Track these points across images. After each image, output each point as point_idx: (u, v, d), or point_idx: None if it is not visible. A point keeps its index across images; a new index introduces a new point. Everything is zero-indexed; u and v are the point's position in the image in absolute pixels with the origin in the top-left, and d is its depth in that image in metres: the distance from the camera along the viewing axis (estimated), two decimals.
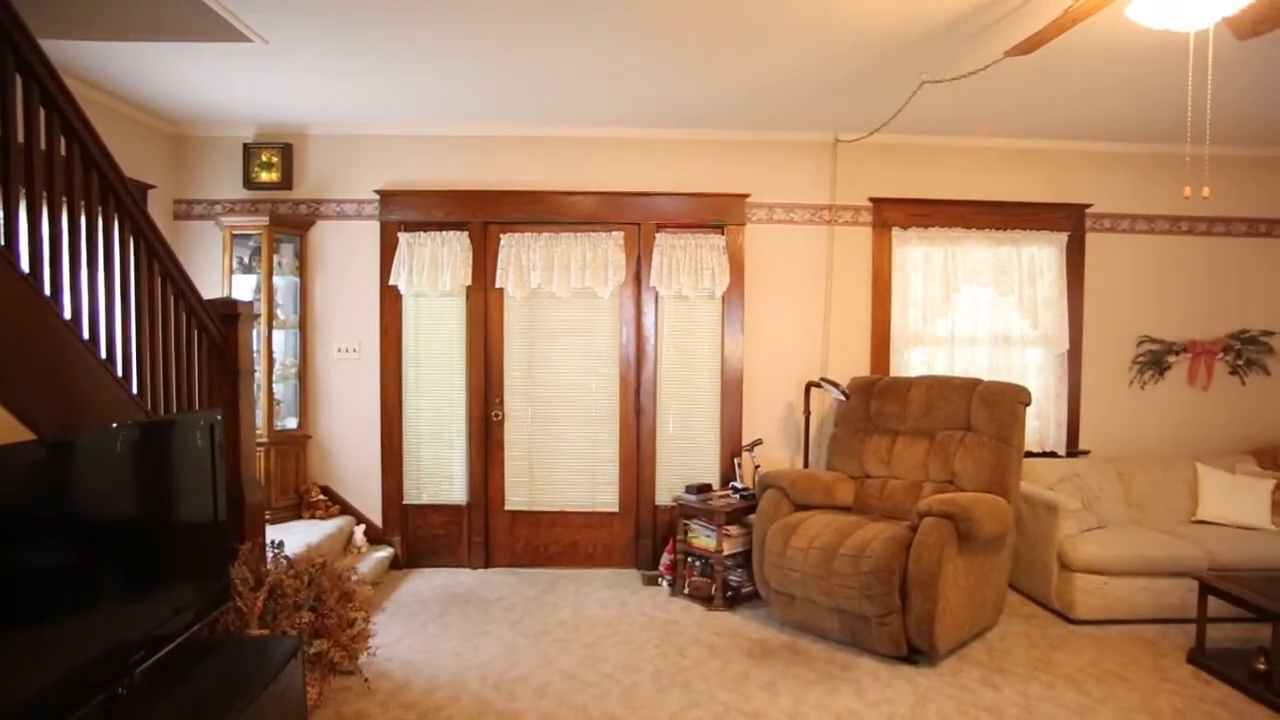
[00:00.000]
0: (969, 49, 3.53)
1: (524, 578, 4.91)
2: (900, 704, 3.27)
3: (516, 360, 5.07)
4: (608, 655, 3.75)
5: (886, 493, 4.34)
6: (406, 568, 5.05)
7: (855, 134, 4.94)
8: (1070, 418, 5.27)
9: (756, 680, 3.48)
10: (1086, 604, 4.17)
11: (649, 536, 5.04)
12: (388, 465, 5.05)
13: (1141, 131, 4.87)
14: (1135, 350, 5.32)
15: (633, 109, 4.59)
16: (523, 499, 5.09)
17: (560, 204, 4.97)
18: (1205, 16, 2.30)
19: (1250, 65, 3.69)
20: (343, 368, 5.05)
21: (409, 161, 5.01)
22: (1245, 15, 2.49)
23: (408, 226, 4.97)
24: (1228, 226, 5.32)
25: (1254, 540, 4.34)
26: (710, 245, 4.95)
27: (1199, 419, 5.35)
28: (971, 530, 3.57)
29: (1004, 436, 4.09)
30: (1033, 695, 3.37)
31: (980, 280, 5.16)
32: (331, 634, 3.05)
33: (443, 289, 4.95)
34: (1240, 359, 5.33)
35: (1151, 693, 3.41)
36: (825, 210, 5.10)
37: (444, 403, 5.07)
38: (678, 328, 5.05)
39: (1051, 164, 5.18)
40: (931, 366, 5.15)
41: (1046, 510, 4.34)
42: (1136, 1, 2.34)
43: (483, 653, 3.76)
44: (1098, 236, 5.25)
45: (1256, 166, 5.29)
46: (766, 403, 5.11)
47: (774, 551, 3.98)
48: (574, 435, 5.08)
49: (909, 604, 3.55)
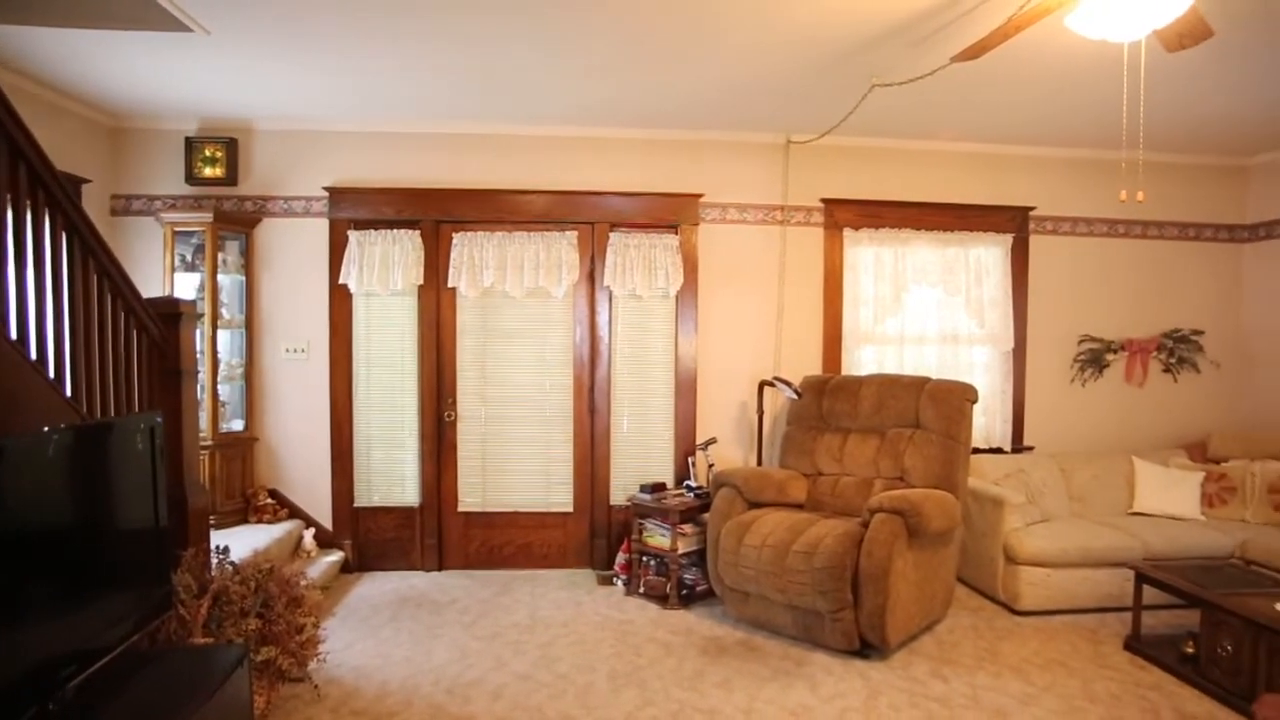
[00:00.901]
0: (917, 54, 3.60)
1: (478, 580, 4.86)
2: (853, 698, 3.32)
3: (469, 360, 5.01)
4: (563, 656, 3.73)
5: (839, 490, 4.40)
6: (358, 571, 4.96)
7: (807, 135, 5.00)
8: (1015, 414, 5.42)
9: (711, 678, 3.50)
10: (1031, 595, 4.28)
11: (604, 536, 5.04)
12: (338, 467, 4.95)
13: (1081, 137, 5.03)
14: (1076, 349, 5.49)
15: (587, 108, 4.58)
16: (476, 500, 5.04)
17: (514, 203, 4.93)
18: (1138, 28, 2.41)
19: (1178, 77, 3.84)
20: (291, 368, 4.94)
21: (359, 158, 4.92)
22: (1173, 28, 2.64)
23: (358, 224, 4.88)
24: (1160, 230, 5.53)
25: (1185, 530, 4.52)
26: (664, 245, 4.97)
27: (1135, 415, 5.54)
28: (921, 526, 3.65)
29: (952, 433, 4.18)
30: (980, 685, 3.45)
31: (929, 280, 5.27)
32: (280, 640, 2.98)
33: (394, 288, 4.87)
34: (1173, 357, 5.54)
35: (1091, 679, 3.53)
36: (778, 210, 5.16)
37: (396, 403, 4.99)
38: (632, 327, 5.05)
39: (996, 167, 5.32)
40: (882, 365, 5.24)
41: (993, 505, 4.45)
42: (1076, 11, 2.42)
43: (435, 656, 3.71)
44: (1040, 238, 5.40)
45: (1185, 173, 5.51)
46: (720, 401, 5.14)
47: (728, 549, 4.01)
48: (528, 435, 5.05)
49: (861, 599, 3.61)
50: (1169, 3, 2.31)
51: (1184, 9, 2.37)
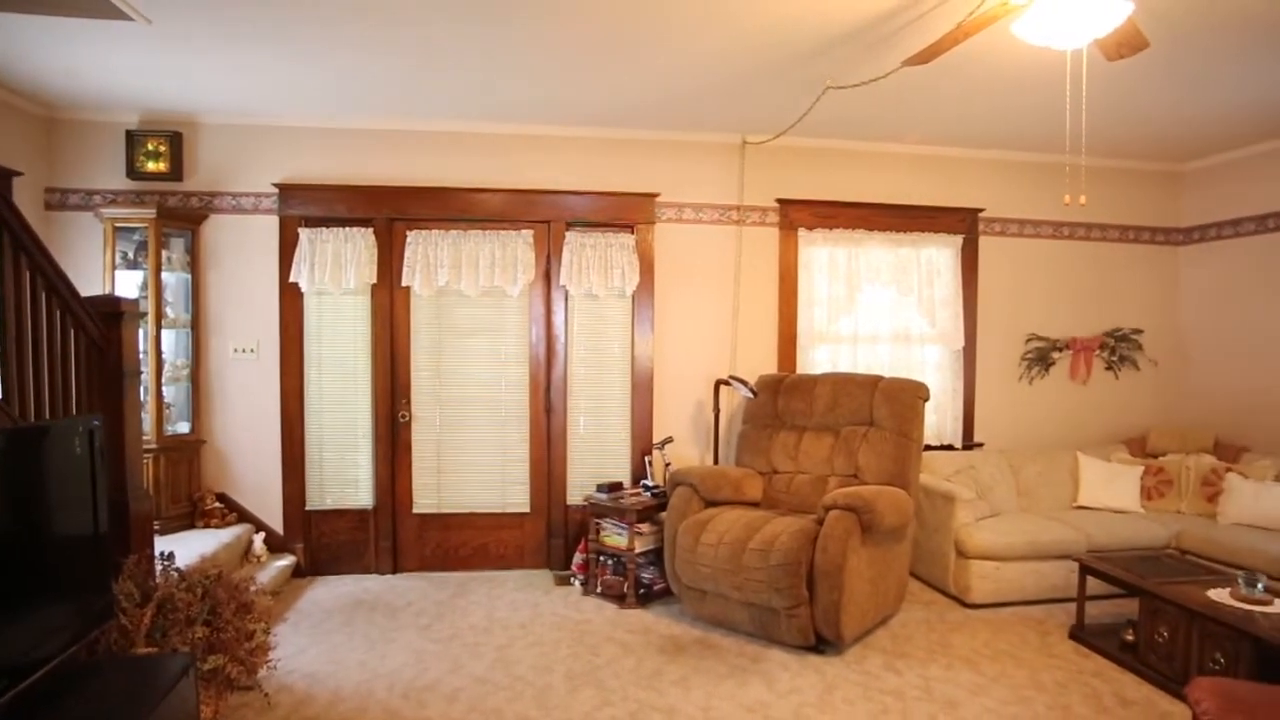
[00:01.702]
0: (870, 57, 3.65)
1: (433, 582, 4.81)
2: (809, 693, 3.36)
3: (424, 360, 4.95)
4: (520, 657, 3.71)
5: (794, 487, 4.45)
6: (310, 576, 4.87)
7: (763, 136, 5.05)
8: (966, 412, 5.54)
9: (669, 676, 3.52)
10: (981, 589, 4.38)
11: (561, 536, 5.02)
12: (289, 470, 4.85)
13: (1027, 141, 5.16)
14: (1024, 347, 5.63)
15: (543, 106, 4.55)
16: (431, 501, 4.98)
17: (469, 201, 4.88)
18: (1079, 37, 2.50)
19: (1118, 86, 3.97)
20: (240, 368, 4.82)
21: (310, 154, 4.82)
22: (1112, 38, 2.75)
23: (309, 222, 4.78)
24: (1103, 232, 5.70)
25: (1126, 523, 4.68)
26: (620, 244, 4.96)
27: (1080, 411, 5.71)
28: (874, 522, 3.70)
29: (904, 431, 4.26)
30: (932, 677, 3.53)
31: (882, 280, 5.36)
32: (228, 648, 2.90)
33: (346, 287, 4.79)
34: (1114, 355, 5.72)
35: (1038, 669, 3.63)
36: (734, 210, 5.19)
37: (348, 404, 4.90)
38: (588, 326, 5.04)
39: (947, 170, 5.43)
40: (836, 364, 5.31)
41: (944, 501, 4.55)
42: (1021, 20, 2.49)
43: (390, 660, 3.66)
44: (990, 239, 5.53)
45: (1125, 178, 5.69)
46: (677, 400, 5.16)
47: (685, 548, 4.03)
48: (483, 435, 5.01)
49: (816, 595, 3.66)
50: (1107, 14, 2.39)
51: (1122, 20, 2.45)
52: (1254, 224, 5.26)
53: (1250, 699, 1.89)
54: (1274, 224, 5.12)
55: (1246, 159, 5.30)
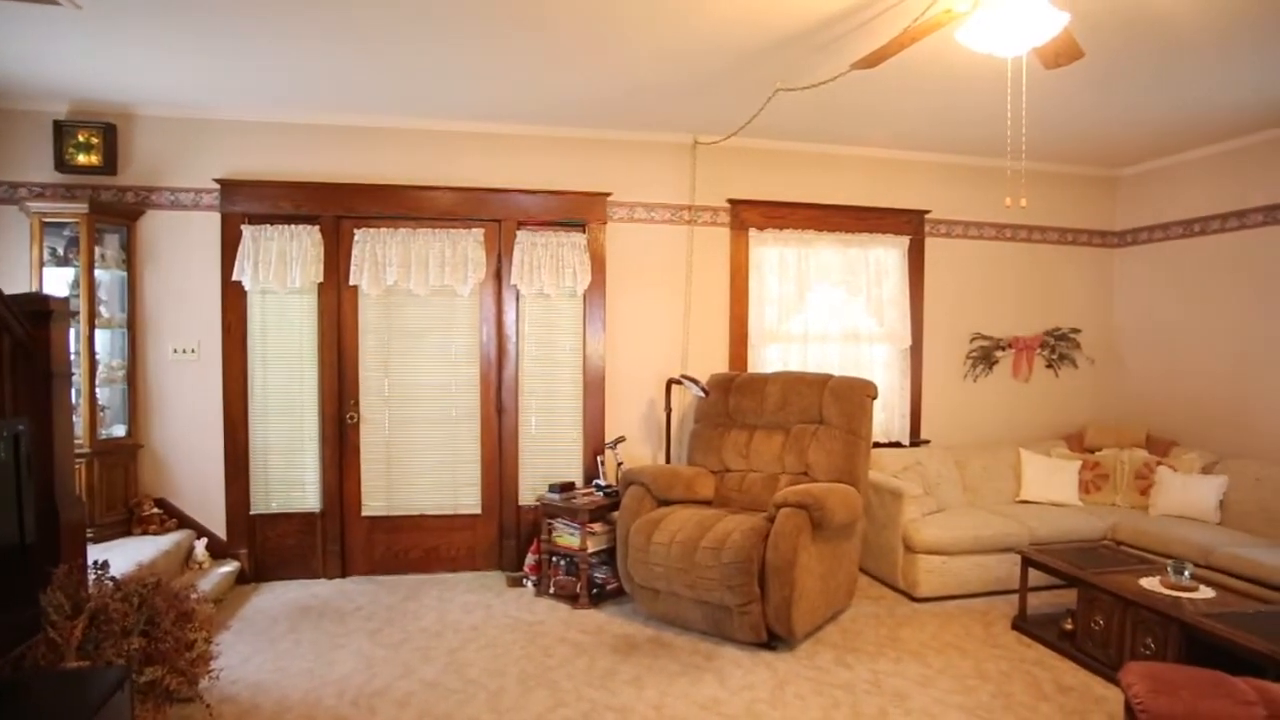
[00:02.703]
0: (820, 60, 3.70)
1: (384, 586, 4.73)
2: (761, 689, 3.39)
3: (372, 360, 4.86)
4: (472, 660, 3.67)
5: (745, 485, 4.49)
6: (255, 582, 4.74)
7: (714, 136, 5.07)
8: (913, 409, 5.65)
9: (622, 675, 3.52)
10: (928, 582, 4.48)
11: (513, 537, 4.98)
12: (233, 473, 4.71)
13: (971, 145, 5.29)
14: (969, 346, 5.77)
15: (494, 104, 4.51)
16: (381, 504, 4.89)
17: (418, 199, 4.81)
18: (1019, 45, 2.58)
19: (1056, 93, 4.09)
20: (180, 369, 4.66)
21: (254, 149, 4.69)
22: (1050, 47, 2.84)
23: (252, 219, 4.65)
24: (1043, 235, 5.88)
25: (1065, 516, 4.83)
26: (572, 243, 4.94)
27: (1022, 408, 5.87)
28: (824, 519, 3.76)
29: (853, 429, 4.33)
30: (881, 671, 3.59)
31: (831, 280, 5.44)
32: (167, 659, 2.81)
33: (292, 285, 4.68)
34: (1054, 354, 5.90)
35: (983, 659, 3.72)
36: (685, 210, 5.21)
37: (295, 405, 4.79)
38: (539, 326, 5.01)
39: (895, 172, 5.53)
40: (786, 363, 5.37)
41: (892, 497, 4.63)
42: (964, 27, 2.55)
43: (339, 667, 3.58)
44: (935, 241, 5.65)
45: (1063, 182, 5.87)
46: (629, 400, 5.16)
47: (638, 547, 4.03)
48: (434, 436, 4.94)
49: (768, 592, 3.69)
50: (1045, 24, 2.46)
51: (1058, 30, 2.53)
52: (1181, 228, 5.48)
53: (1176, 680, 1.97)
54: (1199, 228, 5.34)
55: (1175, 166, 5.52)
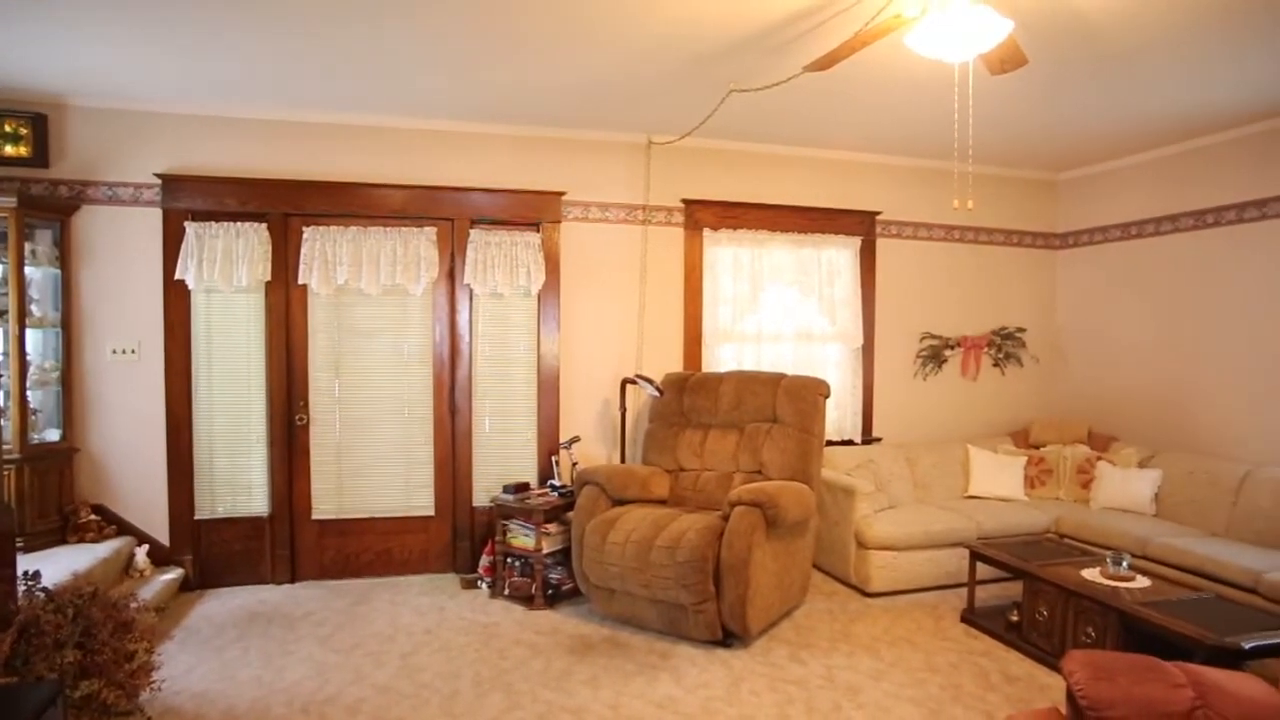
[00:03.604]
0: (773, 61, 3.74)
1: (334, 590, 4.64)
2: (716, 686, 3.42)
3: (322, 360, 4.77)
4: (426, 664, 3.62)
5: (700, 484, 4.51)
6: (200, 589, 4.60)
7: (668, 136, 5.09)
8: (865, 408, 5.75)
9: (578, 676, 3.51)
10: (880, 578, 4.56)
11: (467, 539, 4.93)
12: (176, 477, 4.57)
13: (921, 148, 5.39)
14: (919, 345, 5.89)
15: (447, 102, 4.46)
16: (331, 506, 4.80)
17: (369, 197, 4.73)
18: (965, 51, 2.64)
19: (1002, 99, 4.19)
20: (119, 371, 4.51)
21: (198, 144, 4.55)
22: (995, 54, 2.92)
23: (196, 215, 4.52)
24: (989, 236, 6.02)
25: (1011, 510, 4.96)
26: (526, 243, 4.91)
27: (970, 406, 6.01)
28: (778, 517, 3.79)
29: (806, 427, 4.38)
30: (835, 666, 3.64)
31: (784, 280, 5.50)
32: (104, 671, 2.71)
33: (238, 284, 4.56)
34: (1001, 353, 6.06)
35: (933, 652, 3.80)
36: (639, 210, 5.22)
37: (241, 407, 4.67)
38: (493, 325, 4.97)
39: (846, 174, 5.61)
40: (740, 362, 5.41)
41: (845, 494, 4.70)
42: (913, 32, 2.60)
43: (288, 674, 3.51)
44: (886, 241, 5.75)
45: (1009, 185, 6.03)
46: (583, 400, 5.15)
47: (593, 547, 4.02)
48: (386, 437, 4.87)
49: (722, 590, 3.72)
50: (990, 31, 2.53)
51: (1003, 38, 2.60)
52: (1119, 231, 5.67)
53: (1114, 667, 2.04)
54: (1135, 231, 5.53)
55: (1112, 171, 5.71)
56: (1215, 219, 4.98)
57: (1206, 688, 1.98)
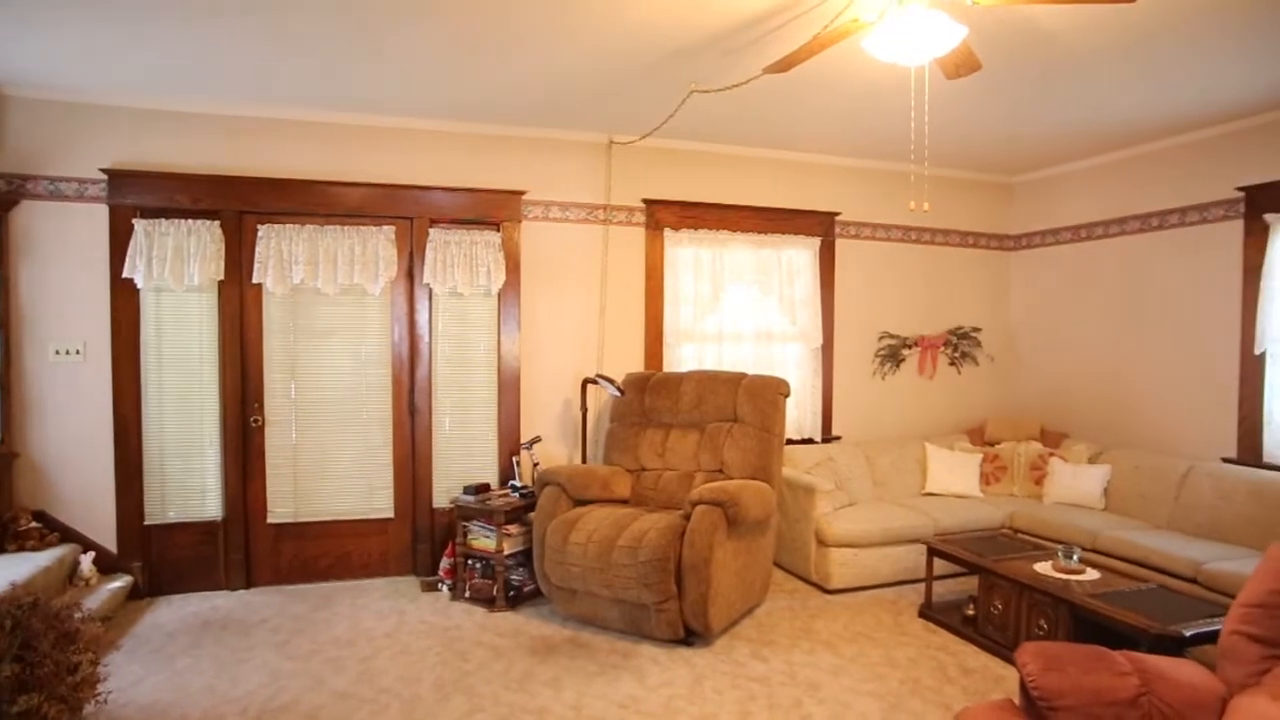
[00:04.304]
0: (734, 62, 3.76)
1: (291, 595, 4.55)
2: (679, 685, 3.43)
3: (278, 361, 4.68)
4: (386, 669, 3.57)
5: (661, 484, 4.52)
6: (150, 596, 4.48)
7: (629, 136, 5.09)
8: (824, 406, 5.81)
9: (540, 678, 3.49)
10: (840, 575, 4.61)
11: (427, 541, 4.87)
12: (124, 482, 4.44)
13: (879, 150, 5.47)
14: (877, 345, 5.97)
15: (406, 99, 4.40)
16: (288, 510, 4.71)
17: (326, 195, 4.65)
18: (921, 56, 2.68)
19: (957, 102, 4.27)
20: (63, 372, 4.37)
21: (147, 138, 4.43)
22: (950, 59, 2.98)
23: (145, 212, 4.40)
24: (946, 237, 6.14)
25: (967, 506, 5.06)
26: (486, 242, 4.87)
27: (927, 404, 6.12)
28: (739, 515, 3.82)
29: (767, 426, 4.41)
30: (796, 662, 3.68)
31: (745, 280, 5.54)
32: (45, 685, 2.61)
33: (190, 283, 4.45)
34: (957, 352, 6.18)
35: (892, 647, 3.86)
36: (600, 210, 5.21)
37: (194, 409, 4.56)
38: (453, 325, 4.92)
39: (806, 175, 5.67)
40: (701, 362, 5.44)
41: (805, 492, 4.75)
42: (871, 36, 2.64)
43: (243, 682, 3.43)
44: (845, 242, 5.83)
45: (964, 187, 6.15)
46: (544, 400, 5.13)
47: (554, 547, 4.01)
48: (344, 439, 4.79)
49: (684, 589, 3.73)
50: (945, 36, 2.57)
51: (958, 43, 2.65)
52: (1070, 233, 5.82)
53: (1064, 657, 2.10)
54: (1085, 234, 5.69)
55: (1064, 175, 5.86)
56: (1159, 222, 5.15)
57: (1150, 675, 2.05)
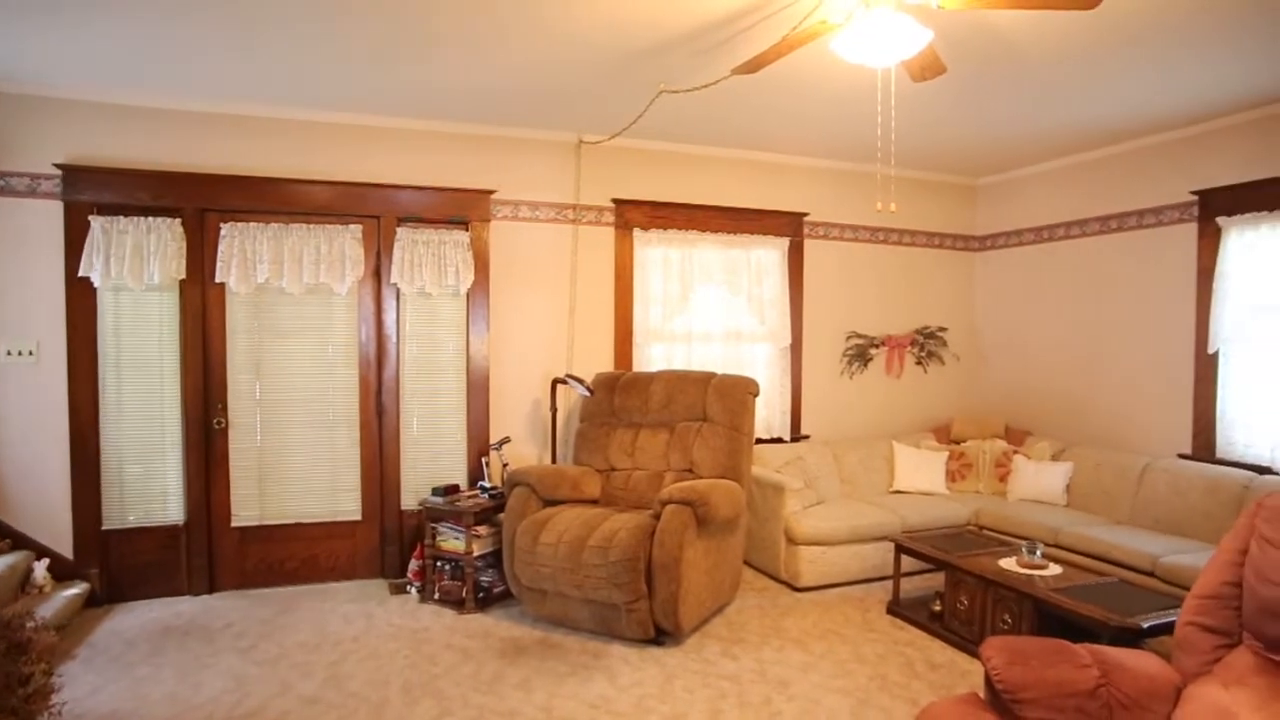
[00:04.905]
0: (703, 63, 3.77)
1: (256, 599, 4.48)
2: (650, 685, 3.43)
3: (242, 361, 4.60)
4: (353, 673, 3.53)
5: (631, 484, 4.52)
6: (108, 604, 4.37)
7: (599, 136, 5.09)
8: (793, 406, 5.85)
9: (510, 679, 3.47)
10: (809, 573, 4.65)
11: (395, 543, 4.82)
12: (81, 486, 4.33)
13: (847, 151, 5.52)
14: (845, 344, 6.03)
15: (374, 96, 4.35)
16: (253, 513, 4.63)
17: (292, 193, 4.58)
18: (888, 58, 2.72)
19: (923, 105, 4.33)
20: (15, 373, 4.25)
21: (105, 133, 4.32)
22: (916, 62, 3.02)
23: (102, 209, 4.29)
24: (912, 238, 6.22)
25: (934, 504, 5.13)
26: (454, 241, 4.84)
27: (894, 403, 6.19)
28: (709, 514, 3.83)
29: (736, 425, 4.43)
30: (766, 660, 3.70)
31: (714, 280, 5.56)
32: None
33: (150, 282, 4.35)
34: (923, 351, 6.26)
35: (860, 643, 3.90)
36: (570, 209, 5.20)
37: (155, 411, 4.46)
38: (421, 325, 4.88)
39: (775, 175, 5.71)
40: (671, 361, 5.45)
41: (774, 491, 4.78)
42: (839, 38, 2.67)
43: (206, 690, 3.36)
44: (814, 242, 5.88)
45: (930, 189, 6.24)
46: (514, 400, 5.10)
47: (524, 548, 3.99)
48: (310, 440, 4.73)
49: (654, 589, 3.73)
50: (911, 39, 2.61)
51: (923, 46, 2.69)
52: (1033, 234, 5.93)
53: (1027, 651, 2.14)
54: (1048, 235, 5.80)
55: (1026, 177, 5.96)
56: (1118, 224, 5.26)
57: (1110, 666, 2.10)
